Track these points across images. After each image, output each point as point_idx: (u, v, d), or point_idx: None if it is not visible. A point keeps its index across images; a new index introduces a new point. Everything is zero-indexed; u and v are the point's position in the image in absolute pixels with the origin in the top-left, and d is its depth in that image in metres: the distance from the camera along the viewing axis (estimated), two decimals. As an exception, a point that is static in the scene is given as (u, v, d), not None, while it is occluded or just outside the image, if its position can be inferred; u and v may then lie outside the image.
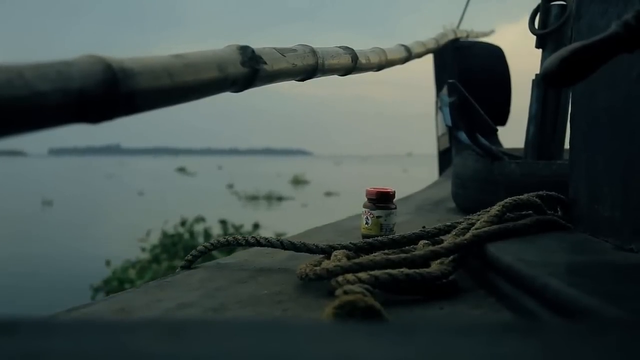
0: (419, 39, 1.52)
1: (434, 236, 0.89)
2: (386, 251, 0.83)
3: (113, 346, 0.27)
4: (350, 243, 0.86)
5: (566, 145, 1.34)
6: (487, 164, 1.36)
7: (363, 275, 0.67)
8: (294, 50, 0.72)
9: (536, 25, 1.43)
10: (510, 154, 1.50)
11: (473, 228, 0.82)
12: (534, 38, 1.43)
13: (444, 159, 2.53)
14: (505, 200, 0.87)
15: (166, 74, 0.47)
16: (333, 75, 0.86)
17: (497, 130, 1.70)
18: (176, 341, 0.28)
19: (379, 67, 1.04)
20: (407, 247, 0.86)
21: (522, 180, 1.26)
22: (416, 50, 1.37)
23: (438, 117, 2.34)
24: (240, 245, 0.89)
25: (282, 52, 0.68)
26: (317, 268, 0.74)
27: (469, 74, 2.10)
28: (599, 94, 0.82)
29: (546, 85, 1.37)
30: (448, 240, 0.81)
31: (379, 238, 0.87)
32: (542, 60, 1.42)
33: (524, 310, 0.60)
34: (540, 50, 1.43)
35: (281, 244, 0.88)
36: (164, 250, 6.77)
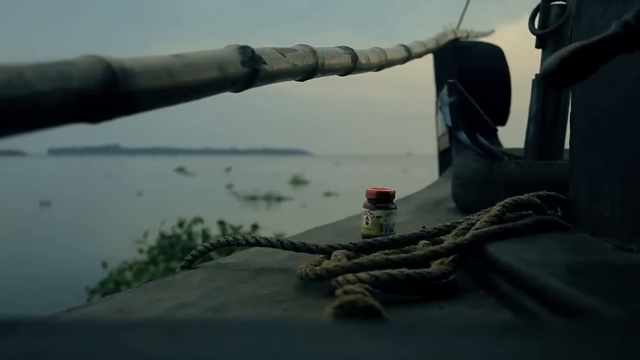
0: (419, 39, 1.52)
1: (434, 236, 0.89)
2: (386, 251, 0.83)
3: (113, 346, 0.27)
4: (350, 243, 0.86)
5: (566, 145, 1.34)
6: (487, 164, 1.36)
7: (363, 275, 0.67)
8: (294, 50, 0.72)
9: (536, 25, 1.43)
10: (510, 154, 1.50)
11: (473, 228, 0.82)
12: (534, 38, 1.43)
13: (444, 159, 2.53)
14: (505, 201, 0.87)
15: (166, 74, 0.47)
16: (333, 75, 0.86)
17: (497, 130, 1.70)
18: (176, 341, 0.28)
19: (379, 67, 1.04)
20: (407, 247, 0.86)
21: (522, 180, 1.26)
22: (416, 50, 1.37)
23: (438, 117, 2.34)
24: (240, 245, 0.89)
25: (282, 52, 0.68)
26: (317, 268, 0.74)
27: (469, 74, 2.10)
28: (599, 94, 0.82)
29: (546, 85, 1.37)
30: (448, 240, 0.81)
31: (379, 238, 0.87)
32: (542, 60, 1.42)
33: (524, 310, 0.60)
34: (540, 50, 1.43)
35: (281, 244, 0.88)
36: (161, 252, 6.69)
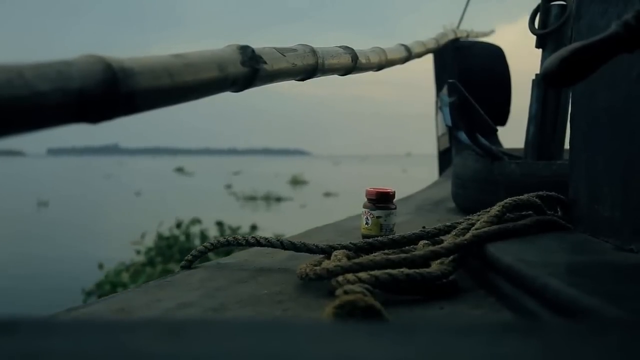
0: (419, 39, 1.52)
1: (434, 236, 0.89)
2: (386, 251, 0.83)
3: (113, 346, 0.27)
4: (350, 243, 0.86)
5: (566, 145, 1.34)
6: (487, 164, 1.36)
7: (363, 275, 0.67)
8: (294, 50, 0.72)
9: (536, 25, 1.43)
10: (510, 154, 1.50)
11: (473, 228, 0.82)
12: (534, 38, 1.43)
13: (444, 159, 2.53)
14: (505, 201, 0.87)
15: (166, 74, 0.47)
16: (333, 75, 0.86)
17: (497, 130, 1.70)
18: (176, 341, 0.28)
19: (379, 67, 1.04)
20: (407, 247, 0.86)
21: (522, 181, 1.26)
22: (416, 50, 1.37)
23: (438, 117, 2.34)
24: (240, 245, 0.89)
25: (282, 52, 0.68)
26: (317, 268, 0.74)
27: (469, 74, 2.10)
28: (599, 94, 0.82)
29: (546, 85, 1.37)
30: (448, 240, 0.81)
31: (379, 238, 0.87)
32: (542, 60, 1.42)
33: (524, 310, 0.60)
34: (540, 50, 1.43)
35: (281, 244, 0.88)
36: (158, 253, 6.61)
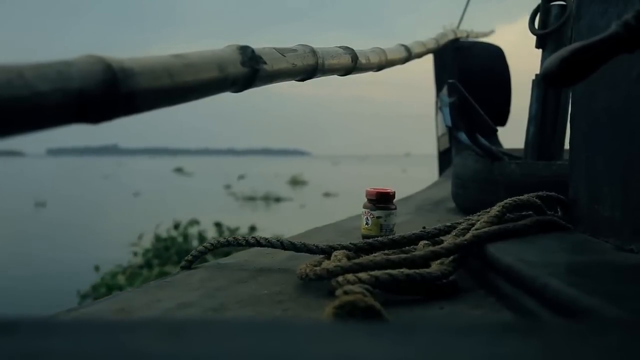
0: (418, 39, 1.52)
1: (434, 236, 0.89)
2: (386, 251, 0.83)
3: (113, 346, 0.27)
4: (350, 243, 0.86)
5: (566, 145, 1.34)
6: (487, 164, 1.36)
7: (363, 275, 0.67)
8: (294, 50, 0.72)
9: (536, 26, 1.43)
10: (510, 154, 1.50)
11: (473, 228, 0.82)
12: (534, 38, 1.43)
13: (444, 159, 2.53)
14: (505, 201, 0.87)
15: (166, 74, 0.47)
16: (333, 75, 0.86)
17: (497, 131, 1.70)
18: (176, 341, 0.28)
19: (379, 67, 1.04)
20: (407, 248, 0.86)
21: (522, 181, 1.26)
22: (416, 50, 1.37)
23: (438, 117, 2.34)
24: (240, 245, 0.89)
25: (282, 52, 0.68)
26: (317, 268, 0.74)
27: (469, 74, 2.10)
28: (599, 94, 0.82)
29: (546, 85, 1.37)
30: (448, 240, 0.81)
31: (379, 238, 0.87)
32: (542, 60, 1.42)
33: (524, 310, 0.60)
34: (540, 50, 1.43)
35: (281, 244, 0.88)
36: (156, 255, 6.53)
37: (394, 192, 1.11)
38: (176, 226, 7.28)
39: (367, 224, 1.08)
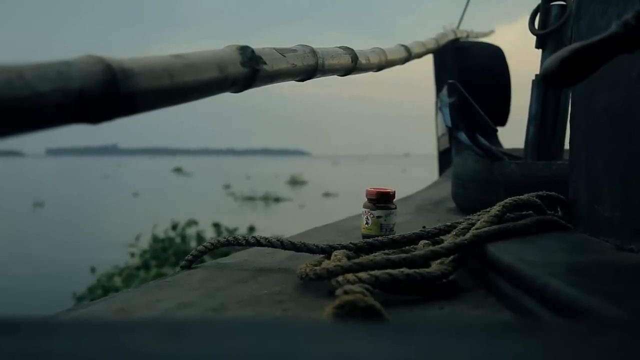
0: (418, 39, 1.52)
1: (434, 236, 0.89)
2: (386, 251, 0.83)
3: (113, 346, 0.27)
4: (350, 243, 0.86)
5: (566, 145, 1.34)
6: (487, 164, 1.36)
7: (363, 275, 0.67)
8: (294, 50, 0.72)
9: (536, 26, 1.43)
10: (510, 154, 1.50)
11: (473, 228, 0.82)
12: (534, 38, 1.44)
13: (444, 159, 2.53)
14: (506, 201, 0.87)
15: (166, 74, 0.47)
16: (333, 76, 0.86)
17: (497, 131, 1.70)
18: (176, 341, 0.28)
19: (378, 67, 1.04)
20: (407, 247, 0.86)
21: (522, 181, 1.26)
22: (416, 50, 1.37)
23: (438, 117, 2.34)
24: (240, 245, 0.89)
25: (282, 52, 0.68)
26: (317, 268, 0.73)
27: (469, 74, 2.10)
28: (599, 94, 0.82)
29: (546, 86, 1.37)
30: (448, 240, 0.81)
31: (379, 238, 0.87)
32: (542, 60, 1.42)
33: (524, 310, 0.60)
34: (540, 50, 1.43)
35: (281, 244, 0.88)
36: (153, 256, 6.46)
37: (394, 192, 1.11)
38: (174, 227, 7.22)
39: (367, 223, 1.08)
